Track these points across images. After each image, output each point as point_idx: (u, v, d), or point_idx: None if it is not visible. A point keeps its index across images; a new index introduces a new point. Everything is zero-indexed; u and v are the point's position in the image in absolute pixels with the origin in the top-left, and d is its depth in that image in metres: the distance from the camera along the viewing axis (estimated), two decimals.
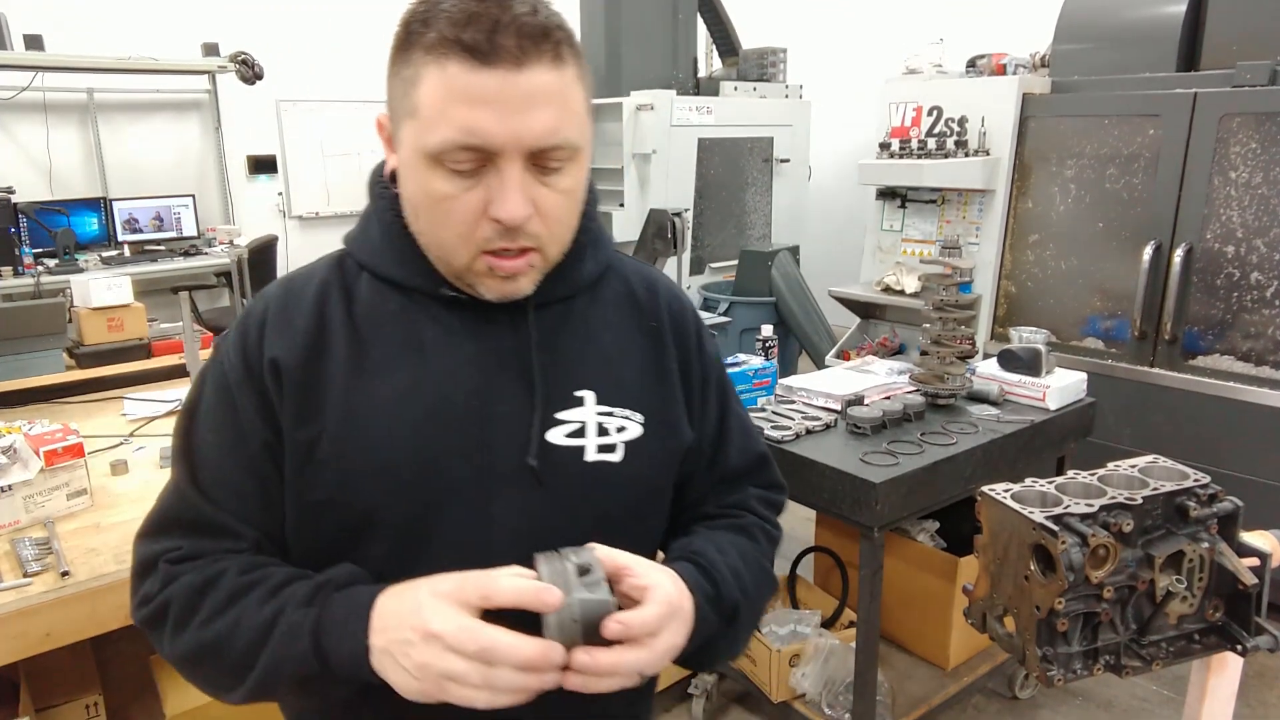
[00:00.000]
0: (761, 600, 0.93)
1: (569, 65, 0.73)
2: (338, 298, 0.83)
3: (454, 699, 0.68)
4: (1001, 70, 3.53)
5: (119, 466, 1.92)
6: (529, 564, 0.73)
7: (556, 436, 0.82)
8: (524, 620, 0.68)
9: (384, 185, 0.85)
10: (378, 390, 0.79)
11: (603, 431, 0.84)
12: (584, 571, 0.71)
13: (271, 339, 0.80)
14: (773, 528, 0.99)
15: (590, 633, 0.69)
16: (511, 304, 0.82)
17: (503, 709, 0.69)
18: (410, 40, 0.73)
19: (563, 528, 0.80)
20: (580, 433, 0.83)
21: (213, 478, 0.81)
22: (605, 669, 0.69)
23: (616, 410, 0.85)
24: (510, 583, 0.69)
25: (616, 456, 0.84)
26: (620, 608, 0.71)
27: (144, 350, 2.75)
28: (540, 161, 0.74)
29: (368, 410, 0.79)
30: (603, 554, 0.73)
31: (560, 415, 0.83)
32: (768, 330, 2.41)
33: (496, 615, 0.69)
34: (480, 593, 0.69)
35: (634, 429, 0.86)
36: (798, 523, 2.91)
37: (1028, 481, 0.94)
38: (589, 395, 0.84)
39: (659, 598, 0.73)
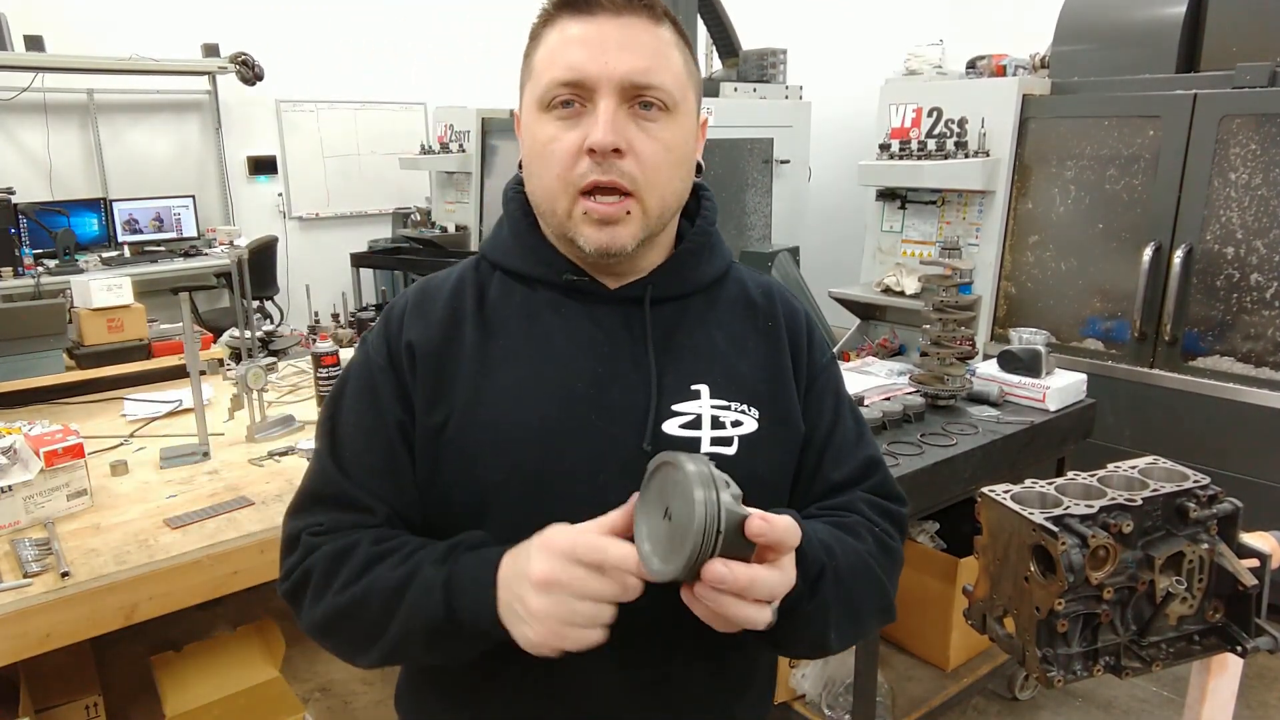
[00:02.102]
0: (860, 595, 0.84)
1: (666, 28, 0.82)
2: (471, 293, 0.90)
3: (572, 641, 0.69)
4: (1001, 71, 3.53)
5: (119, 467, 1.92)
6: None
7: (672, 427, 0.85)
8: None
9: (515, 190, 0.92)
10: (502, 377, 0.85)
11: (717, 424, 0.86)
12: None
13: (410, 326, 0.87)
14: (887, 535, 0.90)
15: (730, 539, 0.66)
16: (630, 297, 0.87)
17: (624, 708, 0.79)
18: (536, 25, 0.84)
19: None
20: (695, 424, 0.85)
21: (351, 455, 0.86)
22: (743, 583, 0.67)
23: (733, 404, 0.87)
24: (619, 548, 0.69)
25: (731, 450, 0.86)
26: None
27: (144, 351, 2.74)
28: (635, 102, 0.79)
29: (492, 395, 0.84)
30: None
31: (676, 407, 0.86)
32: None
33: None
34: (593, 557, 0.69)
35: (749, 424, 0.87)
36: None
37: (1027, 483, 0.94)
38: (704, 389, 0.87)
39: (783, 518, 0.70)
